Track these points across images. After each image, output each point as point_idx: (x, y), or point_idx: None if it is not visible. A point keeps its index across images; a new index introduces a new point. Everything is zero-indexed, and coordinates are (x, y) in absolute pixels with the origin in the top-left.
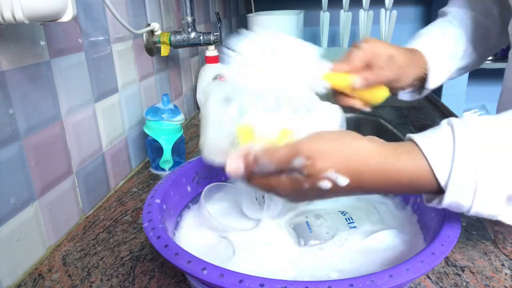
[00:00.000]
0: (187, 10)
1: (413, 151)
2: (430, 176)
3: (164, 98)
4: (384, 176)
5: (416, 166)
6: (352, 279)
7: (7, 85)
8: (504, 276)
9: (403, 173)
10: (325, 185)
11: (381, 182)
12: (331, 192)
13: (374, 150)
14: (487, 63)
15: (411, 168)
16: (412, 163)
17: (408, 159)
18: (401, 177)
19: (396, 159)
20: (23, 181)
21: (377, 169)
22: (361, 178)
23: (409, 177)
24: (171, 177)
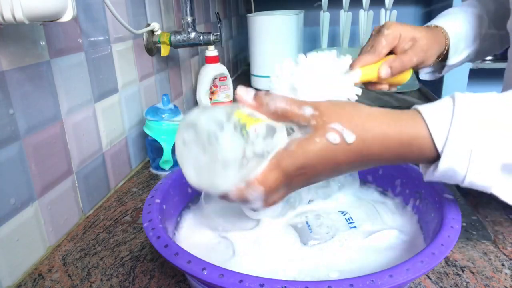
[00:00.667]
0: (187, 10)
1: (415, 116)
2: (429, 140)
3: (164, 98)
4: (386, 136)
5: (416, 128)
6: (352, 279)
7: (7, 85)
8: (504, 276)
9: (404, 134)
10: (333, 137)
11: (383, 141)
12: (339, 153)
13: (376, 111)
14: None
15: (412, 130)
16: (412, 126)
17: (409, 122)
18: (402, 138)
19: (397, 120)
20: (23, 181)
21: (379, 127)
22: (365, 136)
23: (409, 139)
24: (171, 177)
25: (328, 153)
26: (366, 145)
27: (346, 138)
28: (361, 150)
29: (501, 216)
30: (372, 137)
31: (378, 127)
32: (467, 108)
